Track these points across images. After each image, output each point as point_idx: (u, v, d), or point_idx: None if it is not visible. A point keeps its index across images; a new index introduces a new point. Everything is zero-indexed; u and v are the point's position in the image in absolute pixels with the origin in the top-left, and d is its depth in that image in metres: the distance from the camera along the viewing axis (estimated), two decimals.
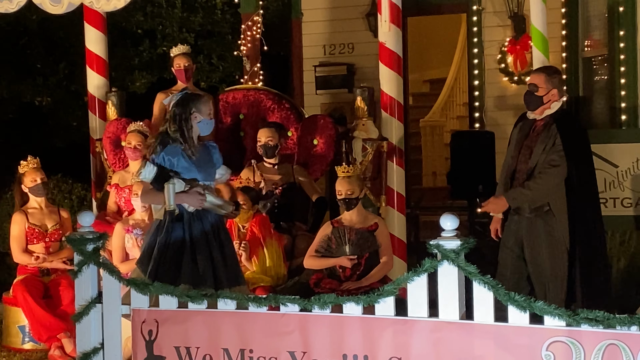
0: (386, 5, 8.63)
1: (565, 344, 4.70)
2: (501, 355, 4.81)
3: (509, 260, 7.00)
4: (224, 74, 16.34)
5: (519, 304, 4.79)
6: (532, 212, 6.92)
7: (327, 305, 5.16)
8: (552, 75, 7.06)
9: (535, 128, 7.00)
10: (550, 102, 6.96)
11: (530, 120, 7.06)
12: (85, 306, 5.70)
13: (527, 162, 6.94)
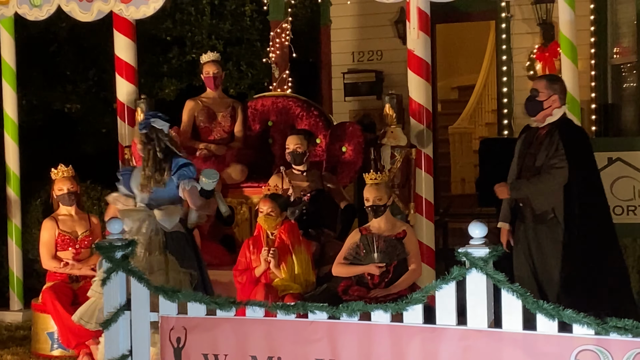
0: (415, 12, 8.63)
1: (594, 352, 4.68)
2: None
3: (524, 269, 7.00)
4: (253, 81, 16.35)
5: (548, 312, 4.77)
6: (536, 219, 6.95)
7: (355, 312, 5.16)
8: (553, 82, 7.17)
9: (538, 137, 7.04)
10: (551, 108, 7.03)
11: (533, 129, 7.13)
12: (114, 313, 5.71)
13: (530, 170, 7.04)
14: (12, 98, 10.25)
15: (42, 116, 15.81)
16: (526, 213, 7.06)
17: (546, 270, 6.93)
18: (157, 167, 7.04)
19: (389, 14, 12.96)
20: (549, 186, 6.90)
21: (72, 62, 15.80)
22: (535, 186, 6.92)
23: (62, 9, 9.77)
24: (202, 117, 9.46)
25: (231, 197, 9.19)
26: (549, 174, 6.88)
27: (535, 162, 6.99)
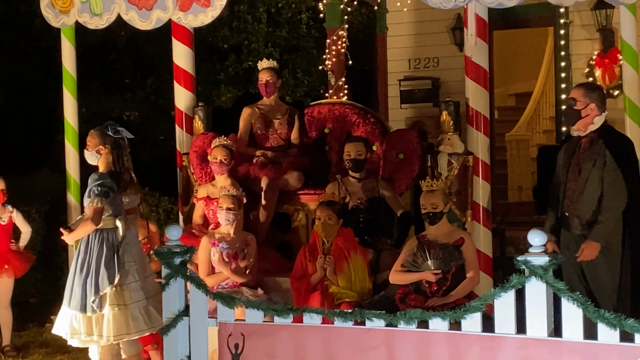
0: (472, 19, 8.60)
1: None
2: None
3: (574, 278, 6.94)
4: (309, 88, 16.42)
5: (609, 321, 4.73)
6: (583, 228, 6.89)
7: (413, 320, 5.15)
8: (591, 90, 7.09)
9: (581, 145, 6.98)
10: (590, 116, 6.95)
11: (575, 139, 7.07)
12: (173, 319, 5.75)
13: (576, 180, 6.96)
14: (73, 106, 10.36)
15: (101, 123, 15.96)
16: (572, 222, 6.99)
17: (597, 278, 6.86)
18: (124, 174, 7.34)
19: (446, 20, 12.93)
20: (619, 206, 6.83)
21: (131, 71, 15.98)
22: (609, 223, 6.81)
23: (121, 17, 9.85)
24: (259, 124, 9.48)
25: (287, 204, 9.21)
26: (613, 196, 6.79)
27: (581, 173, 6.92)
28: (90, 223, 6.93)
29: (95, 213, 6.94)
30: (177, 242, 5.87)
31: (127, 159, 7.41)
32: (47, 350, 8.97)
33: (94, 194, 6.96)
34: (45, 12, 10.20)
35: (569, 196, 7.00)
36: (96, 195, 6.94)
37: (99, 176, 7.08)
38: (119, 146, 7.35)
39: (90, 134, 7.38)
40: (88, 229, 6.96)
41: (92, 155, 7.29)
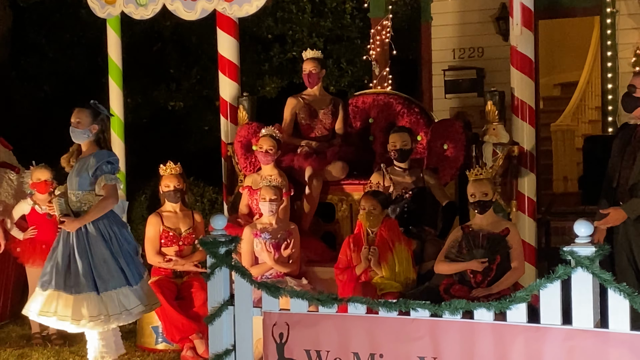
0: (518, 8, 8.55)
1: None
2: None
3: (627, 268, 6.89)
4: (353, 78, 16.41)
5: None
6: (637, 217, 6.83)
7: (457, 311, 5.14)
8: None
9: (636, 134, 6.92)
10: None
11: (631, 127, 7.02)
12: (218, 308, 5.78)
13: (631, 168, 6.91)
14: (118, 96, 10.44)
15: (146, 114, 16.08)
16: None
17: None
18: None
19: (491, 10, 12.89)
20: None
21: (176, 61, 16.05)
22: None
23: (166, 8, 9.90)
24: (303, 115, 9.50)
25: (332, 194, 9.22)
26: None
27: (635, 161, 6.87)
28: (111, 200, 7.00)
29: (114, 190, 7.02)
30: (222, 232, 5.89)
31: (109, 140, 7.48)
32: None
33: (107, 172, 7.04)
34: (91, 3, 10.26)
35: (622, 184, 6.97)
36: (109, 173, 7.02)
37: (104, 154, 7.14)
38: (106, 126, 7.39)
39: (80, 111, 7.32)
40: (108, 208, 7.02)
41: (82, 133, 7.27)
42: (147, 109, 16.17)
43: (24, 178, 9.43)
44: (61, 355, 8.38)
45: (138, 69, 14.86)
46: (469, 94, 13.12)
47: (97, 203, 7.04)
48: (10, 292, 10.09)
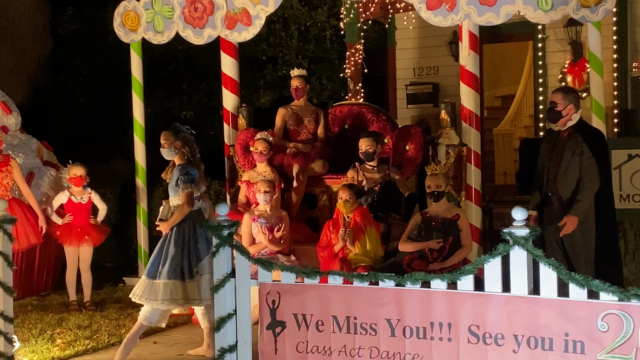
0: (466, 34, 8.57)
1: (617, 316, 4.59)
2: (563, 325, 4.72)
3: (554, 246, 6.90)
4: (332, 92, 16.37)
5: (579, 282, 4.69)
6: (562, 205, 6.89)
7: (417, 281, 5.13)
8: (567, 93, 7.05)
9: (560, 138, 6.96)
10: (569, 115, 6.92)
11: (555, 132, 7.04)
12: (222, 280, 5.75)
13: (558, 166, 6.95)
14: (140, 107, 10.40)
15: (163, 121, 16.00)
16: (554, 201, 6.97)
17: (574, 247, 6.84)
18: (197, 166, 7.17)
19: (444, 36, 12.87)
20: (594, 187, 6.80)
21: (187, 78, 15.99)
22: (586, 200, 6.79)
23: (179, 34, 9.88)
24: (291, 122, 9.48)
25: (315, 186, 9.21)
26: (590, 177, 6.77)
27: (562, 161, 6.90)
28: (186, 207, 6.89)
29: (189, 197, 6.90)
30: (225, 218, 5.86)
31: (197, 152, 7.18)
32: (120, 305, 9.02)
33: (183, 182, 6.86)
34: (118, 31, 10.23)
35: (551, 179, 6.98)
36: (185, 182, 6.86)
37: (182, 167, 6.94)
38: (190, 141, 7.12)
39: (163, 134, 7.12)
40: (185, 212, 6.90)
41: (168, 151, 7.05)
42: (164, 117, 16.07)
43: (62, 174, 9.39)
44: (94, 319, 8.35)
45: (156, 84, 14.80)
46: (426, 105, 13.09)
47: (178, 209, 6.97)
48: (52, 267, 10.06)
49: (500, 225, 5.32)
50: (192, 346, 7.24)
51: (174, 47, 14.44)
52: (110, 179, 11.73)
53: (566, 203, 6.88)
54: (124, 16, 10.14)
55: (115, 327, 8.02)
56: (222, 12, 9.58)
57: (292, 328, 5.47)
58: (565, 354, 4.71)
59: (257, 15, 9.47)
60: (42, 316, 8.52)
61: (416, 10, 8.70)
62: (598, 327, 4.63)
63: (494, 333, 4.89)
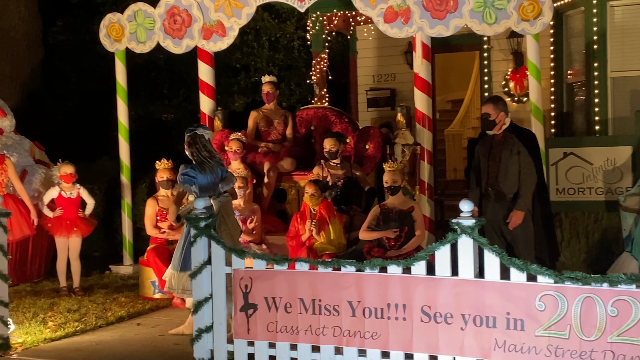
0: (419, 45, 8.62)
1: (553, 296, 4.65)
2: (505, 305, 4.77)
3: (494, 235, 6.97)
4: (300, 97, 16.37)
5: (519, 266, 4.74)
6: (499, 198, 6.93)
7: (375, 267, 5.15)
8: (497, 103, 7.11)
9: (496, 140, 7.03)
10: (501, 121, 6.99)
11: (490, 136, 7.07)
12: (199, 267, 5.75)
13: (497, 164, 6.98)
14: (124, 110, 10.33)
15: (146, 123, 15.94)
16: (492, 195, 7.01)
17: (513, 234, 6.90)
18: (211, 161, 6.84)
19: (400, 46, 12.91)
20: (533, 182, 6.87)
21: (168, 84, 15.90)
22: (527, 196, 6.86)
23: (160, 44, 9.83)
24: (262, 123, 9.48)
25: (284, 182, 9.22)
26: (529, 174, 6.85)
27: (501, 160, 6.95)
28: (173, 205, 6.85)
29: (177, 197, 6.90)
30: (202, 211, 5.86)
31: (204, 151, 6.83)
32: (107, 290, 8.98)
33: (179, 182, 6.78)
34: (103, 41, 10.16)
35: (491, 177, 7.01)
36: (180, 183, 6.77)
37: (182, 167, 6.77)
38: (195, 142, 6.85)
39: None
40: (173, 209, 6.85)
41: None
42: (147, 120, 16.00)
43: (53, 171, 9.30)
44: (82, 303, 8.29)
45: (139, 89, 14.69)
46: (384, 108, 13.13)
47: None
48: (44, 257, 9.97)
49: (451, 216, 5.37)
50: (172, 327, 7.22)
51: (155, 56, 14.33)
52: (98, 176, 11.64)
53: (506, 197, 6.92)
54: (109, 27, 10.07)
55: (102, 310, 7.97)
56: (199, 24, 9.55)
57: (263, 310, 5.48)
58: (507, 330, 4.77)
59: (231, 27, 9.46)
60: (35, 301, 8.44)
61: (375, 23, 8.72)
62: (536, 307, 4.69)
63: (444, 313, 4.93)
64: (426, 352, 5.02)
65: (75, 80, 16.07)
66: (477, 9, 8.16)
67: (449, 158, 14.51)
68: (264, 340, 5.51)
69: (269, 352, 5.53)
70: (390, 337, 5.10)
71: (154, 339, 6.94)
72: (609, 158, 9.13)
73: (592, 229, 8.85)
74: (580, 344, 4.58)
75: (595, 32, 10.56)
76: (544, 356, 4.67)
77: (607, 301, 4.51)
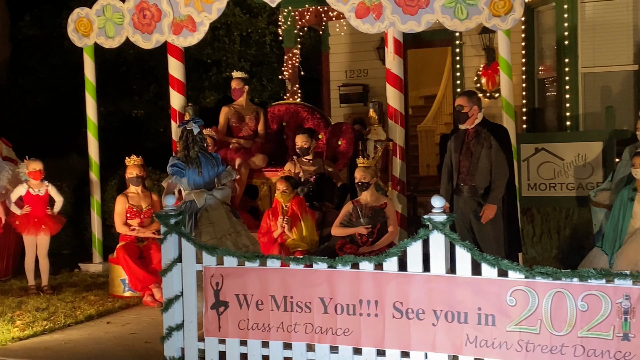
0: (391, 40, 8.63)
1: (524, 291, 4.69)
2: (476, 300, 4.80)
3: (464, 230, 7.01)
4: (272, 92, 16.36)
5: (490, 262, 4.77)
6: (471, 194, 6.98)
7: (347, 263, 5.16)
8: (471, 97, 7.14)
9: (468, 135, 7.04)
10: (475, 115, 7.01)
11: (462, 131, 7.09)
12: (170, 264, 5.72)
13: (468, 160, 7.00)
14: (93, 106, 10.24)
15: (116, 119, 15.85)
16: (465, 190, 7.05)
17: (483, 229, 6.93)
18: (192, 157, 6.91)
19: (373, 42, 12.94)
20: (505, 176, 6.91)
21: (138, 79, 15.82)
22: (500, 188, 6.89)
23: (129, 39, 9.76)
24: (234, 119, 9.45)
25: (256, 178, 9.20)
26: (501, 168, 6.88)
27: (473, 155, 6.98)
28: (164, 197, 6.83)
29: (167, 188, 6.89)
30: (172, 208, 5.83)
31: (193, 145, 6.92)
32: (76, 289, 8.90)
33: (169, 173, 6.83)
34: (71, 35, 10.07)
35: (463, 172, 7.04)
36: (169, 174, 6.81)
37: (170, 159, 6.88)
38: (184, 135, 6.97)
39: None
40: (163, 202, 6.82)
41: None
42: (117, 116, 15.91)
43: (20, 168, 9.20)
44: (51, 302, 8.22)
45: (109, 85, 14.61)
46: (357, 104, 13.15)
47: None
48: (12, 255, 9.87)
49: (424, 212, 5.37)
50: (142, 325, 7.19)
51: (124, 51, 14.28)
52: (66, 173, 11.54)
53: (478, 192, 6.96)
54: (77, 22, 9.98)
55: (71, 309, 7.91)
56: (168, 19, 9.49)
57: (234, 307, 5.46)
58: (478, 326, 4.80)
59: (201, 22, 9.41)
60: (3, 300, 8.36)
61: (346, 18, 8.73)
62: (507, 302, 4.73)
63: (415, 308, 4.96)
64: (398, 349, 5.04)
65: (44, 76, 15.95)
66: (449, 5, 8.19)
67: (421, 154, 14.56)
68: (236, 337, 5.50)
69: (240, 349, 5.52)
70: (362, 333, 5.11)
71: (124, 337, 6.90)
72: (579, 153, 9.22)
73: (563, 224, 8.94)
74: (551, 338, 4.63)
75: (566, 27, 10.66)
76: (514, 351, 4.72)
77: (577, 296, 4.56)
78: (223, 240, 6.76)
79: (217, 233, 6.76)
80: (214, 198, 6.90)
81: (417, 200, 10.75)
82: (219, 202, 6.92)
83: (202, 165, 6.93)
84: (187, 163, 6.88)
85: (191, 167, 6.88)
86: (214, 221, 6.81)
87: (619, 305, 4.49)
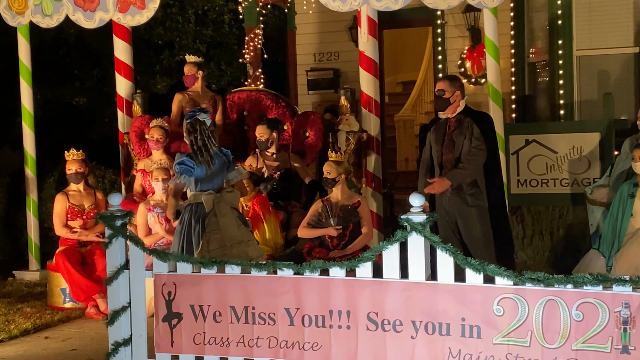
0: (365, 19, 8.64)
1: (512, 299, 4.72)
2: (460, 310, 4.83)
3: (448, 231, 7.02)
4: (231, 78, 16.34)
5: (475, 267, 4.79)
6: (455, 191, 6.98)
7: (316, 269, 5.16)
8: (453, 81, 7.17)
9: (450, 126, 7.06)
10: (457, 102, 7.03)
11: (443, 121, 7.11)
12: (115, 271, 5.69)
13: (452, 152, 7.02)
14: (29, 93, 10.14)
15: (55, 108, 15.73)
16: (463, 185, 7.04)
17: (470, 230, 6.96)
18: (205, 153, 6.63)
19: (344, 21, 12.95)
20: (477, 166, 6.92)
21: (80, 63, 15.72)
22: (467, 170, 6.90)
23: (69, 18, 9.68)
24: (188, 108, 9.37)
25: None
26: (475, 157, 6.89)
27: (455, 146, 6.99)
28: (171, 198, 6.69)
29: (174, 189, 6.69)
30: (118, 208, 5.80)
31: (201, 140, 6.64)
32: (10, 300, 8.81)
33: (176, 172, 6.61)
34: (3, 13, 9.96)
35: (446, 165, 7.06)
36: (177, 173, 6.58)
37: (177, 156, 6.65)
38: (195, 130, 6.66)
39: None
40: (171, 204, 6.71)
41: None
42: (56, 104, 15.79)
43: None
44: None
45: (47, 69, 14.49)
46: (327, 91, 13.16)
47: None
48: None
49: (401, 211, 5.40)
50: (85, 340, 7.14)
51: (64, 31, 14.15)
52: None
53: (463, 188, 6.98)
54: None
55: (4, 322, 7.83)
56: None
57: (188, 319, 5.45)
58: (462, 338, 4.83)
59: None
60: None
61: None
62: (494, 311, 4.76)
63: (392, 319, 4.97)
64: None
65: None
66: None
67: (399, 147, 14.60)
68: (190, 354, 5.49)
69: None
70: (333, 348, 5.12)
71: (64, 354, 6.86)
72: (574, 146, 9.30)
73: (556, 224, 9.01)
74: (543, 352, 4.66)
75: (560, 6, 10.75)
76: None
77: (572, 304, 4.60)
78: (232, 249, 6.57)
79: (226, 241, 6.56)
80: (224, 202, 6.65)
81: (394, 198, 10.78)
82: (228, 207, 6.69)
83: (215, 164, 6.65)
84: (197, 161, 6.60)
85: (201, 165, 6.60)
86: (224, 228, 6.59)
87: (617, 315, 4.53)
